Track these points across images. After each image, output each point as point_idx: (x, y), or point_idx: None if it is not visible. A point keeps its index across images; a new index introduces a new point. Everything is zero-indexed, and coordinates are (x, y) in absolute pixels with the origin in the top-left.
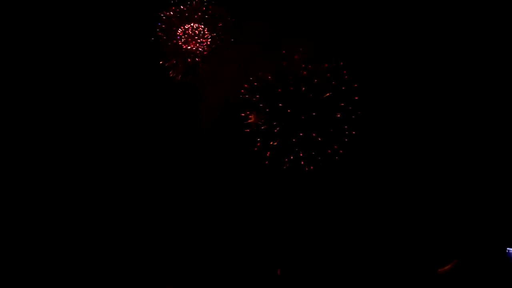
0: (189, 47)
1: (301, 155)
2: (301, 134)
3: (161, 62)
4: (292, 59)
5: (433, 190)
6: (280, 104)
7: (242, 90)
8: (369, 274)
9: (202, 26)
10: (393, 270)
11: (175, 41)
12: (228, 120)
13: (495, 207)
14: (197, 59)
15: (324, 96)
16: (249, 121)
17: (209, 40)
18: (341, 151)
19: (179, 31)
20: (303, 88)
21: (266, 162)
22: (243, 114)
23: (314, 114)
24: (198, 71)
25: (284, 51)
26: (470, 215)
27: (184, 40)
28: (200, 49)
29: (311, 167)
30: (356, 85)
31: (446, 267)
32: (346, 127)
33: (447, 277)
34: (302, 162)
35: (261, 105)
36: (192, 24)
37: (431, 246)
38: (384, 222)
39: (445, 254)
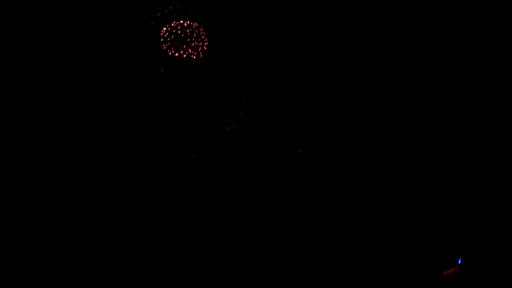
0: (177, 54)
1: (291, 164)
2: (291, 142)
3: (141, 72)
4: (284, 59)
5: (438, 191)
6: (268, 107)
7: (227, 94)
8: (371, 279)
9: (196, 25)
10: (396, 274)
11: (164, 46)
12: (212, 128)
13: (502, 209)
14: (188, 68)
15: (317, 98)
16: (233, 126)
17: (206, 44)
18: (334, 158)
19: (162, 31)
20: (294, 90)
21: (251, 169)
22: (228, 128)
23: (306, 117)
24: (187, 82)
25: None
26: (476, 217)
27: (169, 45)
28: (194, 57)
29: (302, 176)
30: (349, 85)
31: (451, 270)
32: (340, 132)
33: (452, 280)
34: (292, 171)
35: (247, 108)
36: (181, 22)
37: (435, 249)
38: (386, 224)
39: (450, 257)
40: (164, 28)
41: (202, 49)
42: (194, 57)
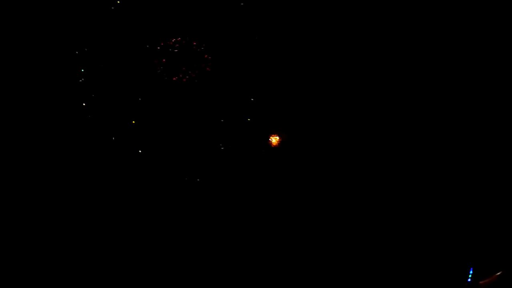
0: (174, 78)
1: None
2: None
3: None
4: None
5: (473, 195)
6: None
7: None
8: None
9: (195, 43)
10: (430, 283)
11: (158, 70)
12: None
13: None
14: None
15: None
16: None
17: (209, 64)
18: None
19: (157, 49)
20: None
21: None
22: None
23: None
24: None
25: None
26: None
27: (164, 67)
28: (196, 81)
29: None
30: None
31: (489, 279)
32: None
33: None
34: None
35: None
36: (179, 39)
37: (471, 257)
38: (417, 230)
39: (487, 265)
40: (158, 48)
41: (205, 70)
42: (196, 81)
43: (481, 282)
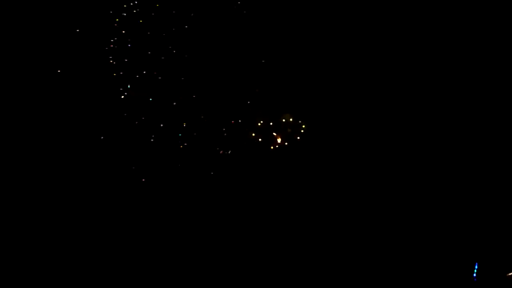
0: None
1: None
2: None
3: None
4: None
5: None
6: None
7: None
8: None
9: None
10: (460, 275)
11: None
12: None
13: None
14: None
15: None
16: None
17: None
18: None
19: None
20: None
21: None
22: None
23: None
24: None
25: None
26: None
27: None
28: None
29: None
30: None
31: None
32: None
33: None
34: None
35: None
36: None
37: (499, 249)
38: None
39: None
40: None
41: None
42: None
43: (508, 274)
